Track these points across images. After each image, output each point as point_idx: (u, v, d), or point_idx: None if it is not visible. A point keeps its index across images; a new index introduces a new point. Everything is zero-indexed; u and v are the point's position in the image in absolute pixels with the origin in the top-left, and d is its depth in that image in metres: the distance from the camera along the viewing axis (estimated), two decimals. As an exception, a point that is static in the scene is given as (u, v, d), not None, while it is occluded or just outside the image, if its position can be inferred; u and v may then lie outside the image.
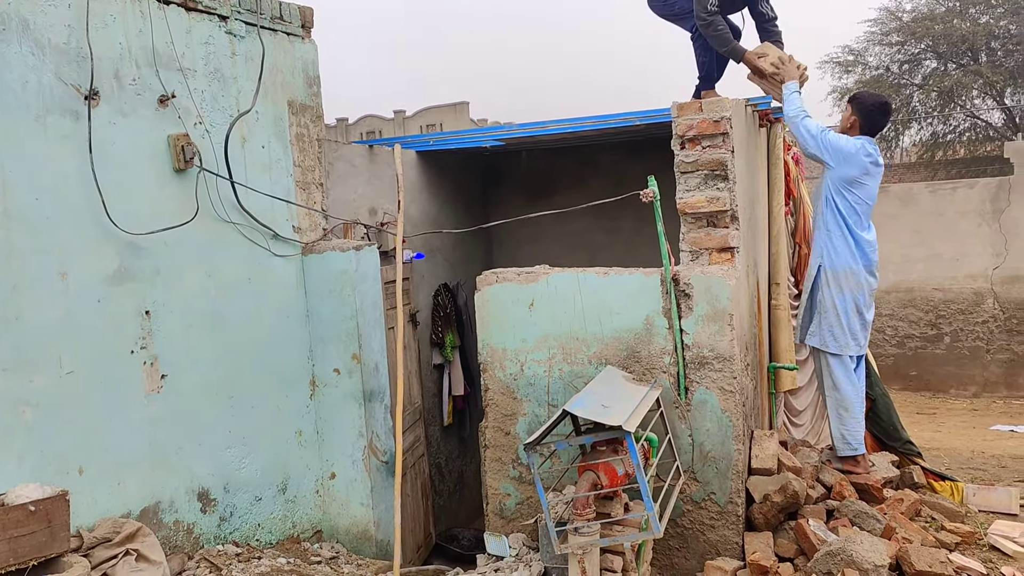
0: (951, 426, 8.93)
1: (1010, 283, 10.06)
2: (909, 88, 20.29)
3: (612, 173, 6.66)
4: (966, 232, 10.29)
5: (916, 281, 10.67)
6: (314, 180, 4.90)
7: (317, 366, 4.85)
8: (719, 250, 4.41)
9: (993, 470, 6.80)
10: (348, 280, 4.75)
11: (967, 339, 10.39)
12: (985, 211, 10.20)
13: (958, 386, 10.44)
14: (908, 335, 10.75)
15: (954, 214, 10.39)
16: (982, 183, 10.46)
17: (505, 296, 4.59)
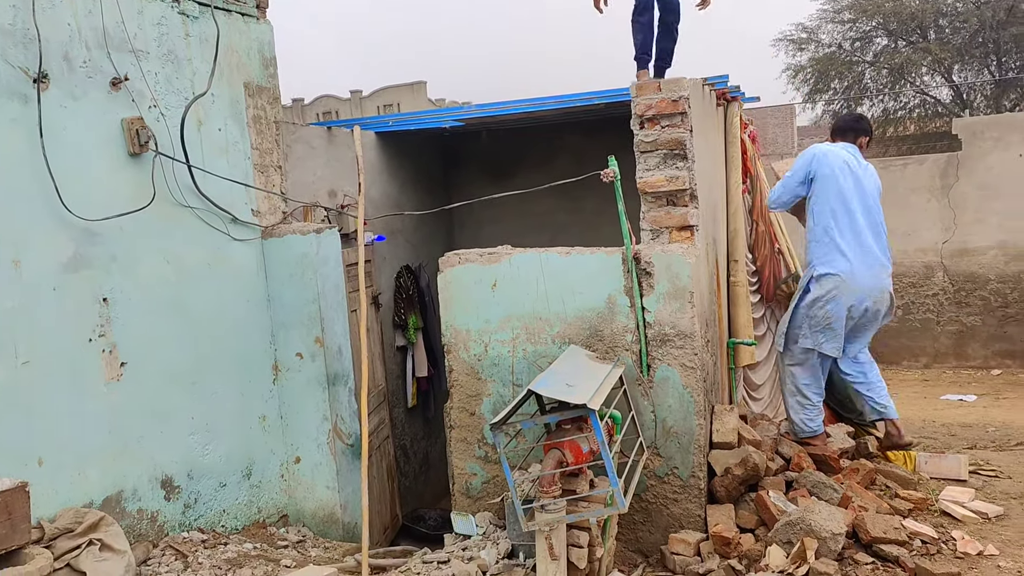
0: (904, 396, 9.16)
1: (959, 257, 10.33)
2: (861, 65, 20.64)
3: (573, 153, 6.68)
4: (917, 207, 10.53)
5: (869, 256, 10.88)
6: (272, 163, 4.84)
7: (280, 351, 4.82)
8: (679, 228, 4.47)
9: (943, 438, 7.02)
10: (309, 263, 4.72)
11: (918, 312, 10.67)
12: (935, 187, 10.44)
13: (910, 358, 10.72)
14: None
15: (905, 190, 10.61)
16: (931, 159, 10.70)
17: (468, 277, 4.60)
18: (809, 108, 22.96)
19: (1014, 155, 9.92)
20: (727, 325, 5.53)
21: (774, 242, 6.06)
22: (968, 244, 10.26)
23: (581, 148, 6.63)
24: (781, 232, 6.24)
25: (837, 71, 20.70)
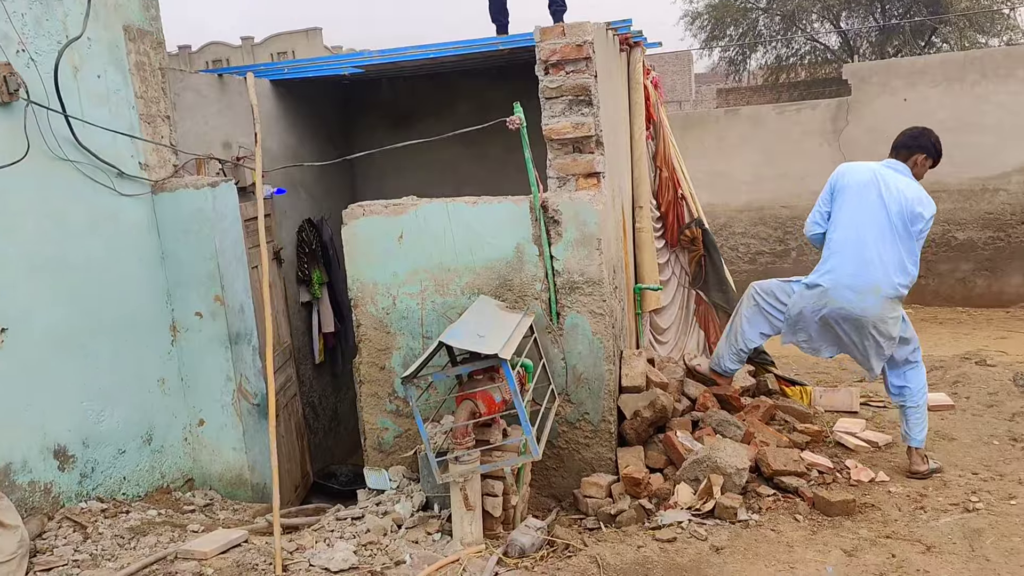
0: (798, 334, 9.56)
1: (848, 199, 10.74)
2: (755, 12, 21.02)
3: (478, 100, 6.56)
4: (810, 151, 10.88)
5: (766, 200, 11.23)
6: (160, 112, 4.56)
7: (177, 310, 4.61)
8: (586, 176, 4.46)
9: (836, 372, 7.37)
10: (205, 219, 4.50)
11: (811, 253, 11.09)
12: (826, 131, 10.80)
13: (804, 297, 11.16)
14: (760, 251, 11.37)
15: (799, 134, 10.94)
16: (823, 104, 11.04)
17: (373, 229, 4.48)
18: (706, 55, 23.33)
19: (899, 99, 10.33)
20: (633, 271, 5.60)
21: (677, 188, 6.15)
22: (857, 187, 10.67)
23: (486, 96, 6.51)
24: (684, 178, 6.33)
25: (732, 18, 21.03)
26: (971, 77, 10.02)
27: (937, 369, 6.76)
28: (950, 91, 10.11)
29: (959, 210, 10.31)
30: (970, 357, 7.14)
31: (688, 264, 6.25)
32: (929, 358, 7.41)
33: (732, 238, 11.42)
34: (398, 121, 6.98)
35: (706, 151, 11.25)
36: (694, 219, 6.21)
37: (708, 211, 10.70)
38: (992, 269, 10.28)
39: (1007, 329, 9.19)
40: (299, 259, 6.26)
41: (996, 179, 10.09)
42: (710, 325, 6.25)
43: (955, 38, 18.61)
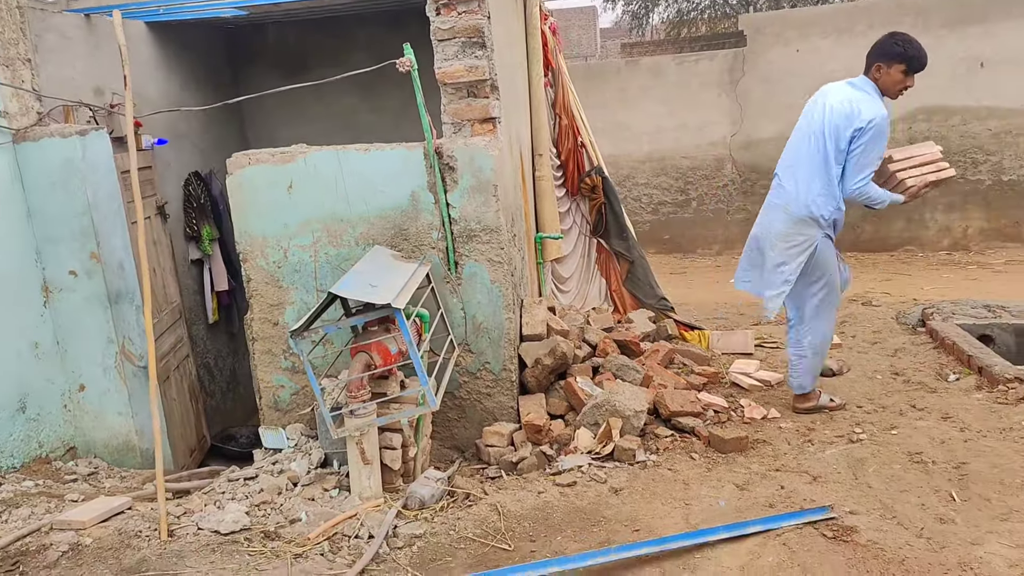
0: (699, 282, 9.79)
1: (745, 148, 10.98)
2: (656, -36, 21.04)
3: (372, 48, 6.29)
4: (708, 102, 11.02)
5: (667, 150, 11.35)
6: (19, 55, 4.21)
7: (49, 269, 4.32)
8: (481, 121, 4.35)
9: (734, 318, 7.56)
10: (75, 170, 4.21)
11: (711, 202, 11.32)
12: (724, 82, 10.95)
13: (704, 246, 11.42)
14: (661, 201, 11.52)
15: (698, 85, 11.06)
16: (720, 55, 11.17)
17: (261, 179, 4.28)
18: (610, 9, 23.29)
19: (792, 50, 10.54)
20: (534, 220, 5.56)
21: (577, 136, 6.10)
22: (753, 136, 10.91)
23: (381, 41, 6.24)
24: (584, 126, 6.29)
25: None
26: (860, 27, 10.29)
27: (827, 310, 7.01)
28: (840, 41, 10.36)
29: (849, 158, 10.65)
30: (857, 298, 7.43)
31: (589, 213, 6.25)
32: (820, 300, 7.69)
33: (635, 188, 11.53)
34: (291, 70, 6.67)
35: (608, 102, 11.25)
36: (594, 167, 6.19)
37: (611, 162, 10.75)
38: (878, 215, 10.70)
39: (891, 272, 9.62)
40: (187, 214, 5.97)
41: (883, 128, 10.46)
42: (611, 273, 6.29)
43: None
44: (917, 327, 5.96)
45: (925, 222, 10.58)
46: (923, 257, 10.34)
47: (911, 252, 10.55)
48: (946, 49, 9.98)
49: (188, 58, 6.13)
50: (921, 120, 10.27)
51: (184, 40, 6.05)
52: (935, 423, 4.16)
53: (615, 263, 6.29)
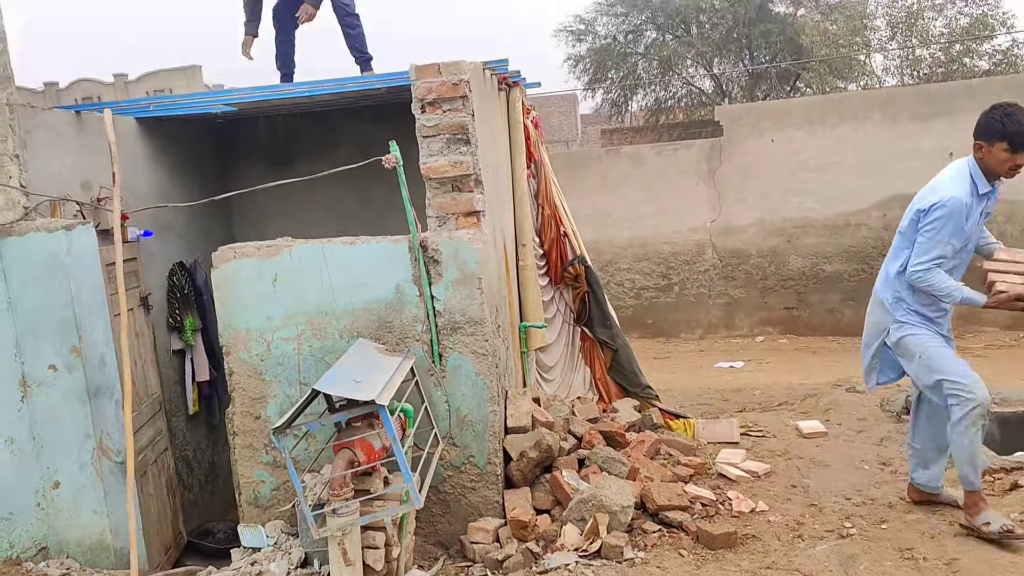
0: (682, 367, 9.81)
1: (724, 234, 11.19)
2: (634, 57, 21.79)
3: (358, 141, 6.44)
4: (687, 189, 11.27)
5: (648, 236, 11.54)
6: (7, 151, 4.25)
7: (28, 363, 4.27)
8: (465, 214, 4.42)
9: (718, 404, 7.56)
10: (59, 264, 4.21)
11: (692, 287, 11.44)
12: (702, 170, 11.22)
13: (687, 330, 11.49)
14: (644, 286, 11.63)
15: (676, 173, 11.33)
16: (698, 144, 11.49)
17: (245, 272, 4.30)
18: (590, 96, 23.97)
19: (767, 140, 10.86)
20: (518, 309, 5.58)
21: (559, 225, 6.20)
22: (732, 222, 11.13)
23: (366, 135, 6.40)
24: (566, 216, 6.40)
25: (613, 62, 21.71)
26: (831, 119, 10.65)
27: (811, 397, 7.03)
28: (813, 132, 10.70)
29: (826, 244, 10.86)
30: (841, 384, 7.46)
31: (572, 301, 6.29)
32: (804, 386, 7.72)
33: (617, 274, 11.65)
34: (278, 162, 6.78)
35: (589, 189, 11.48)
36: (577, 256, 6.26)
37: (593, 248, 10.90)
38: (857, 299, 10.83)
39: (874, 356, 9.66)
40: (170, 305, 5.94)
41: (858, 214, 10.70)
42: (595, 361, 6.29)
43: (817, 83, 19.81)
44: (902, 414, 5.97)
45: (903, 306, 10.72)
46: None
47: (892, 337, 10.64)
48: (915, 140, 10.32)
49: (176, 151, 6.22)
50: (896, 207, 10.51)
51: (173, 134, 6.15)
52: (924, 516, 4.13)
53: (599, 351, 6.30)
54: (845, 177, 10.60)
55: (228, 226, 6.96)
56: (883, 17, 18.62)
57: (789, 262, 11.02)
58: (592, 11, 21.76)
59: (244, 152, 7.00)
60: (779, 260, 11.06)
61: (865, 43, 18.89)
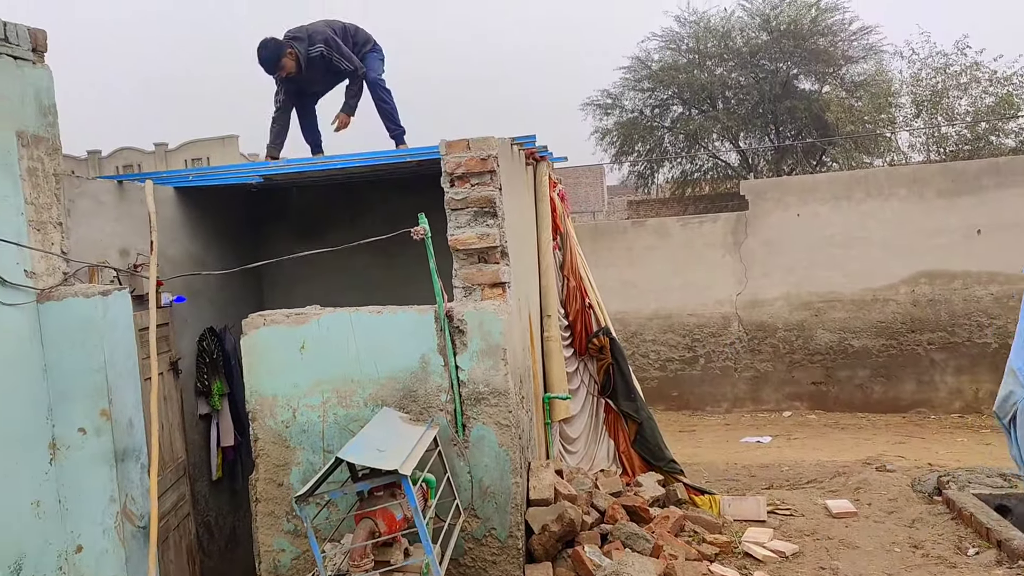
0: (708, 441, 9.68)
1: (750, 307, 11.15)
2: (660, 130, 22.13)
3: (387, 211, 6.58)
4: (713, 262, 11.31)
5: (674, 308, 11.53)
6: (51, 219, 4.40)
7: (58, 426, 4.32)
8: (491, 285, 4.48)
9: (745, 480, 7.43)
10: (94, 328, 4.29)
11: (718, 360, 11.37)
12: (727, 243, 11.27)
13: (713, 403, 11.37)
14: (669, 358, 11.57)
15: (702, 245, 11.39)
16: (723, 218, 11.56)
17: (274, 339, 4.36)
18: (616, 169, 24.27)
19: (792, 215, 10.91)
20: (542, 380, 5.59)
21: (585, 297, 6.24)
22: (758, 296, 11.11)
23: (395, 205, 6.55)
24: (591, 288, 6.45)
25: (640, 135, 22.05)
26: (857, 195, 10.69)
27: (840, 475, 6.89)
28: (838, 207, 10.74)
29: (854, 319, 10.78)
30: (871, 463, 7.32)
31: (597, 373, 6.29)
32: (833, 463, 7.58)
33: (643, 345, 11.62)
34: (308, 230, 6.95)
35: (616, 260, 11.56)
36: (601, 328, 6.29)
37: (618, 319, 10.92)
38: (887, 376, 10.71)
39: (904, 434, 9.50)
40: (199, 369, 6.03)
41: (885, 290, 10.64)
42: (619, 434, 6.25)
43: (843, 158, 19.95)
44: (933, 495, 5.83)
45: (935, 384, 10.56)
46: (936, 419, 10.24)
47: (923, 414, 10.46)
48: (942, 218, 10.32)
49: (211, 219, 6.40)
50: (924, 283, 10.46)
51: (208, 202, 6.33)
52: (957, 602, 4.00)
53: (623, 424, 6.26)
54: (872, 252, 10.59)
55: (258, 292, 7.09)
56: (908, 95, 18.80)
57: (816, 336, 10.94)
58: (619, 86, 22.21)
59: (276, 220, 7.18)
60: (806, 334, 10.98)
61: (891, 120, 19.06)
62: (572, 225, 6.75)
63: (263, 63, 6.25)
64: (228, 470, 6.34)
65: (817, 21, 20.15)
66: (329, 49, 6.33)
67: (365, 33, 6.74)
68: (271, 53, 6.20)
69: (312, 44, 6.31)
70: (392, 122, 6.66)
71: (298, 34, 6.35)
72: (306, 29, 6.41)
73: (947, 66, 18.19)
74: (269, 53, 6.19)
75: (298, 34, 6.35)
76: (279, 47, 6.23)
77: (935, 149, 18.31)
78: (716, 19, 21.17)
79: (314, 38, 6.33)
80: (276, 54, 6.21)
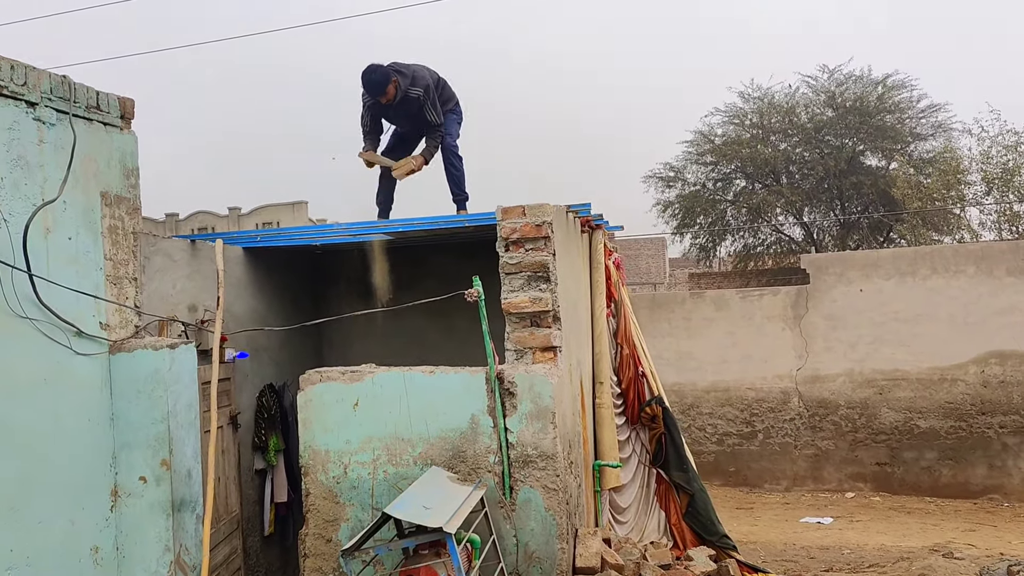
0: (766, 520, 9.39)
1: (811, 383, 10.91)
2: (723, 204, 22.12)
3: (444, 273, 6.72)
4: (773, 335, 11.14)
5: (732, 381, 11.35)
6: (127, 274, 4.64)
7: (121, 474, 4.47)
8: (542, 349, 4.54)
9: (803, 561, 7.19)
10: (160, 380, 4.47)
11: (777, 435, 11.09)
12: (788, 316, 11.11)
13: (771, 480, 11.05)
14: (726, 432, 11.34)
15: (762, 318, 11.24)
16: (784, 291, 11.43)
17: (329, 395, 4.48)
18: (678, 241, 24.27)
19: (855, 289, 10.73)
20: (593, 447, 5.57)
21: (638, 365, 6.23)
22: (819, 371, 10.87)
23: (452, 269, 6.69)
24: (645, 356, 6.44)
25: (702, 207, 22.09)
26: (922, 271, 10.48)
27: (903, 560, 6.61)
28: (903, 283, 10.53)
29: (920, 398, 10.45)
30: (938, 549, 6.99)
31: (648, 442, 6.23)
32: (897, 548, 7.28)
33: (699, 418, 11.42)
34: (367, 290, 7.13)
35: (673, 331, 11.48)
36: (655, 396, 6.25)
37: (675, 391, 10.79)
38: (957, 459, 10.28)
39: (975, 521, 9.07)
40: (257, 425, 6.18)
41: (953, 369, 10.31)
42: (671, 505, 6.14)
43: (911, 235, 19.61)
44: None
45: (1008, 469, 10.10)
46: (1008, 507, 9.76)
47: (995, 501, 9.98)
48: (1012, 296, 10.04)
49: (276, 279, 6.64)
50: (995, 364, 10.11)
51: (274, 263, 6.58)
52: None
53: (675, 495, 6.16)
54: (938, 330, 10.31)
55: (318, 352, 7.27)
56: (978, 172, 18.49)
57: (880, 415, 10.61)
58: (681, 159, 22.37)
59: (338, 280, 7.39)
60: (869, 412, 10.66)
61: (960, 197, 18.72)
62: (628, 294, 6.79)
63: (372, 85, 6.31)
64: (280, 526, 6.41)
65: (884, 98, 20.10)
66: (426, 96, 6.40)
67: (451, 91, 6.81)
68: (382, 77, 6.27)
69: (413, 84, 6.37)
70: (458, 187, 6.75)
71: (403, 69, 6.43)
72: (410, 68, 6.49)
73: (1018, 144, 17.88)
74: (380, 77, 6.27)
75: (403, 69, 6.43)
76: (387, 73, 6.31)
77: (1007, 227, 17.87)
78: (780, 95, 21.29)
79: (416, 79, 6.40)
80: (385, 79, 6.29)
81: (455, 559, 3.40)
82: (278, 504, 6.32)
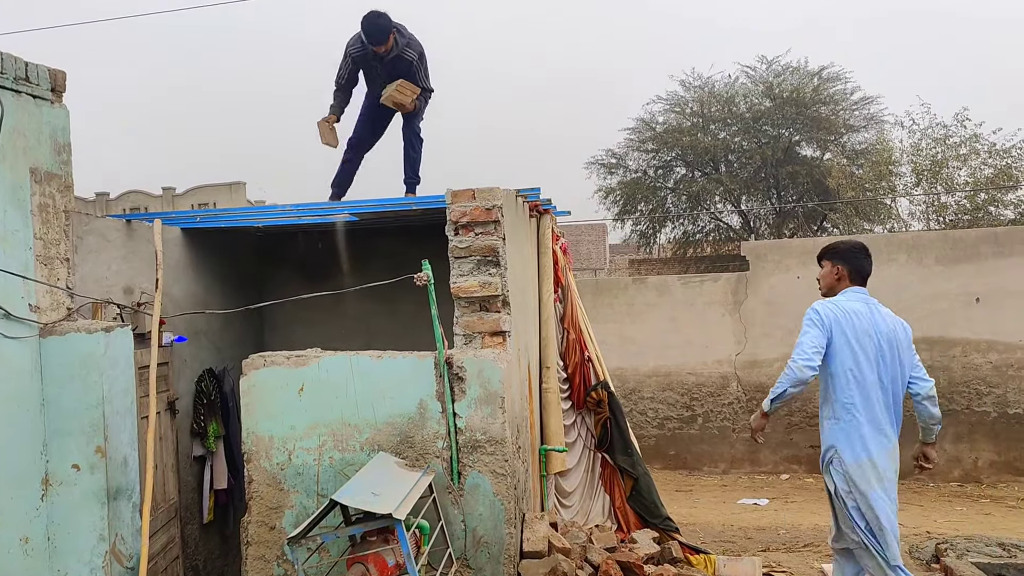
0: (705, 501, 9.57)
1: (749, 368, 11.15)
2: (663, 191, 22.40)
3: (391, 257, 6.66)
4: (713, 321, 11.33)
5: (673, 366, 11.52)
6: (59, 255, 4.45)
7: (52, 462, 4.30)
8: (492, 334, 4.51)
9: (741, 541, 7.34)
10: (95, 365, 4.30)
11: (716, 419, 11.31)
12: (728, 302, 11.31)
13: (710, 464, 11.28)
14: (667, 416, 11.52)
15: (703, 304, 11.42)
16: (724, 277, 11.63)
17: (273, 380, 4.37)
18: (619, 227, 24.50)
19: (792, 276, 10.97)
20: (539, 431, 5.57)
21: (584, 350, 6.26)
22: (758, 356, 11.10)
23: (399, 252, 6.62)
24: (591, 341, 6.47)
25: (643, 195, 22.33)
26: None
27: None
28: (839, 270, 10.79)
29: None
30: (869, 527, 7.22)
31: (594, 426, 6.27)
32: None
33: (641, 403, 11.57)
34: (311, 273, 7.00)
35: (616, 316, 11.59)
36: (600, 381, 6.29)
37: (617, 375, 10.89)
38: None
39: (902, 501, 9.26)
40: (196, 410, 6.01)
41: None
42: (615, 489, 6.20)
43: (844, 224, 20.15)
44: (931, 563, 5.76)
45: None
46: (934, 488, 10.14)
47: (922, 482, 10.35)
48: (941, 284, 10.38)
49: (217, 261, 6.45)
50: (923, 349, 10.44)
51: (215, 245, 6.39)
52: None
53: (619, 479, 6.22)
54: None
55: (260, 336, 7.11)
56: (908, 164, 19.08)
57: (815, 399, 10.85)
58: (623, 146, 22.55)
59: (281, 263, 7.24)
60: (805, 397, 10.92)
61: (891, 188, 19.29)
62: (573, 279, 6.80)
63: (375, 30, 6.03)
64: (220, 514, 6.27)
65: (819, 90, 20.58)
66: (420, 62, 6.25)
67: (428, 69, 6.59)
68: (387, 24, 6.02)
69: (409, 45, 6.20)
70: (413, 170, 6.59)
71: (402, 29, 6.22)
72: (407, 30, 6.29)
73: (947, 137, 18.50)
74: (385, 23, 6.02)
75: (402, 29, 6.22)
76: (391, 23, 6.06)
77: (935, 218, 18.51)
78: (720, 84, 21.61)
79: (412, 43, 6.23)
80: (389, 27, 6.05)
81: (404, 546, 3.36)
82: (218, 491, 6.17)
